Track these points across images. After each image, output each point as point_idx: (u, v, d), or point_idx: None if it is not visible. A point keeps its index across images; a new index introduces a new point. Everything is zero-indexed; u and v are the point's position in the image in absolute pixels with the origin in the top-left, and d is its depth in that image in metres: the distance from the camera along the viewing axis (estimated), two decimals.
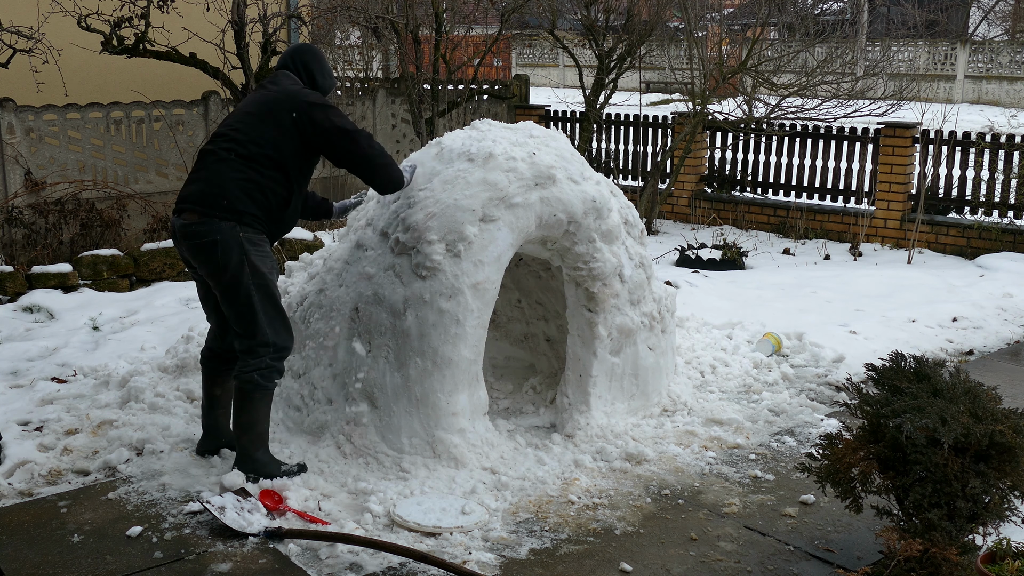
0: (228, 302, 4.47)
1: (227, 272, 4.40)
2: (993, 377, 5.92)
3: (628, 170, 12.51)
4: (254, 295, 4.43)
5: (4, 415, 5.25)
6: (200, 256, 4.44)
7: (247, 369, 4.49)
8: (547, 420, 5.37)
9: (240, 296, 4.43)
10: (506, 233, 4.83)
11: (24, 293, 7.76)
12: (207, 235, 4.38)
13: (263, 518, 4.21)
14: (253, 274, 4.42)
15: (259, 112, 4.51)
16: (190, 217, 4.43)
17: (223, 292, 4.46)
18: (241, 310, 4.45)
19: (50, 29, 8.44)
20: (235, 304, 4.45)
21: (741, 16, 20.55)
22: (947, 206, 10.29)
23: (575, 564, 3.98)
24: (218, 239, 4.37)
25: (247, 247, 4.42)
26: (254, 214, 4.44)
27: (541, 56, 34.50)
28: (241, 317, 4.46)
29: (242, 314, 4.45)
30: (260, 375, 4.48)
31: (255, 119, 4.50)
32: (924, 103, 12.59)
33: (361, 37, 16.37)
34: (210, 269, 4.44)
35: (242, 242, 4.40)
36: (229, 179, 4.41)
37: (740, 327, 6.92)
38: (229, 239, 4.38)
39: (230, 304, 4.47)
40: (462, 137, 5.24)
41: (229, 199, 4.39)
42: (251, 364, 4.48)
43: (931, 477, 3.66)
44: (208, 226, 4.38)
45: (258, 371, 4.48)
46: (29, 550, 4.02)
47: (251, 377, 4.48)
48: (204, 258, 4.43)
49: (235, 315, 4.47)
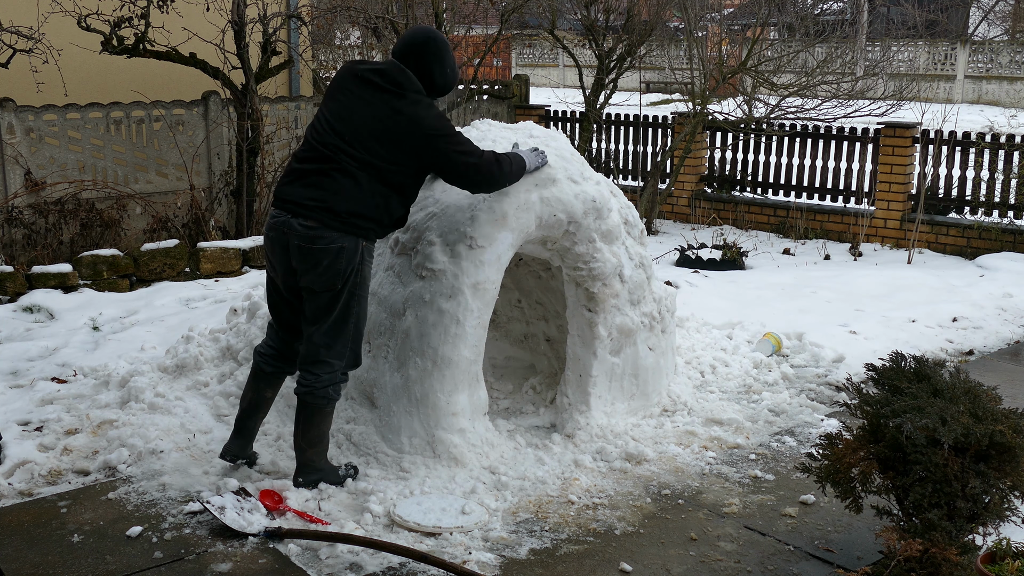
0: (322, 312, 4.35)
1: (340, 280, 4.30)
2: (993, 377, 5.92)
3: (628, 170, 12.51)
4: (353, 308, 4.38)
5: (4, 415, 5.25)
6: (310, 260, 4.28)
7: (322, 384, 4.39)
8: (547, 420, 5.37)
9: (339, 307, 4.34)
10: (506, 233, 4.83)
11: (24, 293, 7.76)
12: (332, 241, 4.26)
13: (263, 518, 4.21)
14: (360, 286, 4.38)
15: (378, 132, 4.30)
16: (310, 223, 4.26)
17: (328, 300, 4.34)
18: (337, 321, 4.36)
19: (50, 29, 8.44)
20: (330, 315, 4.35)
21: (741, 16, 20.55)
22: (947, 206, 10.29)
23: (575, 564, 3.98)
24: (345, 246, 4.27)
25: (366, 258, 4.37)
26: (375, 229, 4.38)
27: (541, 56, 34.51)
28: (333, 328, 4.37)
29: (336, 325, 4.37)
30: (334, 389, 4.43)
31: (374, 138, 4.30)
32: (924, 103, 12.59)
33: (361, 37, 16.36)
34: (322, 277, 4.30)
35: (363, 253, 4.34)
36: (357, 194, 4.28)
37: (740, 327, 6.92)
38: (352, 249, 4.29)
39: (323, 314, 4.35)
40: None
41: (358, 213, 4.29)
42: (325, 379, 4.39)
43: (931, 477, 3.66)
44: (333, 233, 4.27)
45: (332, 385, 4.41)
46: (29, 550, 4.02)
47: (326, 392, 4.40)
48: (315, 263, 4.28)
49: (328, 325, 4.37)
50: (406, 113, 4.30)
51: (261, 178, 9.90)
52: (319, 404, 4.42)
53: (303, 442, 4.47)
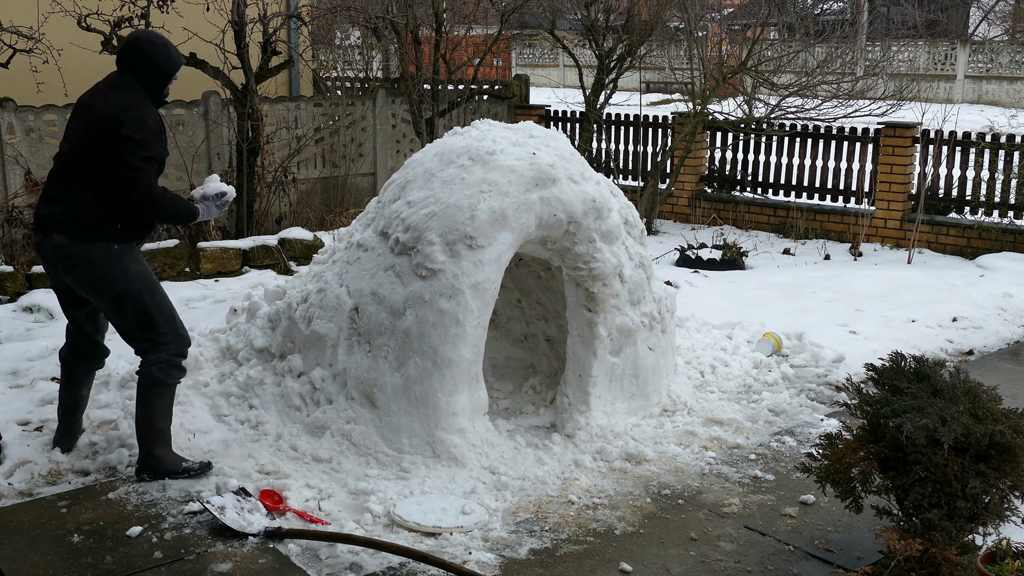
0: (116, 309, 4.52)
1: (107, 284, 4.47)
2: (993, 377, 5.92)
3: (628, 170, 12.51)
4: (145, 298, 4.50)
5: (4, 415, 5.24)
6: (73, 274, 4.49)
7: (146, 365, 4.56)
8: (547, 420, 5.37)
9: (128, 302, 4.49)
10: (506, 233, 4.83)
11: (24, 293, 7.76)
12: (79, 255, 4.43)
13: (263, 518, 4.21)
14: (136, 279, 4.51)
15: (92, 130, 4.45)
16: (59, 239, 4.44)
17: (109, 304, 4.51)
18: (135, 314, 4.50)
19: (50, 29, 8.44)
20: (124, 310, 4.50)
21: (741, 16, 20.55)
22: (947, 206, 10.29)
23: (575, 564, 3.98)
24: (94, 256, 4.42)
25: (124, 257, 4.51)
26: None
27: (541, 56, 34.51)
28: (135, 321, 4.51)
29: (136, 317, 4.51)
30: (159, 370, 4.54)
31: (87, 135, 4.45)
32: (924, 103, 12.59)
33: (361, 37, 16.37)
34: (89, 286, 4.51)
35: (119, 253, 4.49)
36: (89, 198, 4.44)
37: (740, 327, 6.92)
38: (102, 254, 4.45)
39: (119, 313, 4.52)
40: (462, 137, 5.25)
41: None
42: (150, 359, 4.55)
43: (931, 477, 3.66)
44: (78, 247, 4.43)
45: (157, 366, 4.54)
46: (29, 550, 4.02)
47: (151, 372, 4.54)
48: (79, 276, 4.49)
49: (129, 320, 4.52)
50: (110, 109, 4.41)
51: (261, 178, 9.90)
52: (146, 382, 4.56)
53: (137, 425, 4.62)
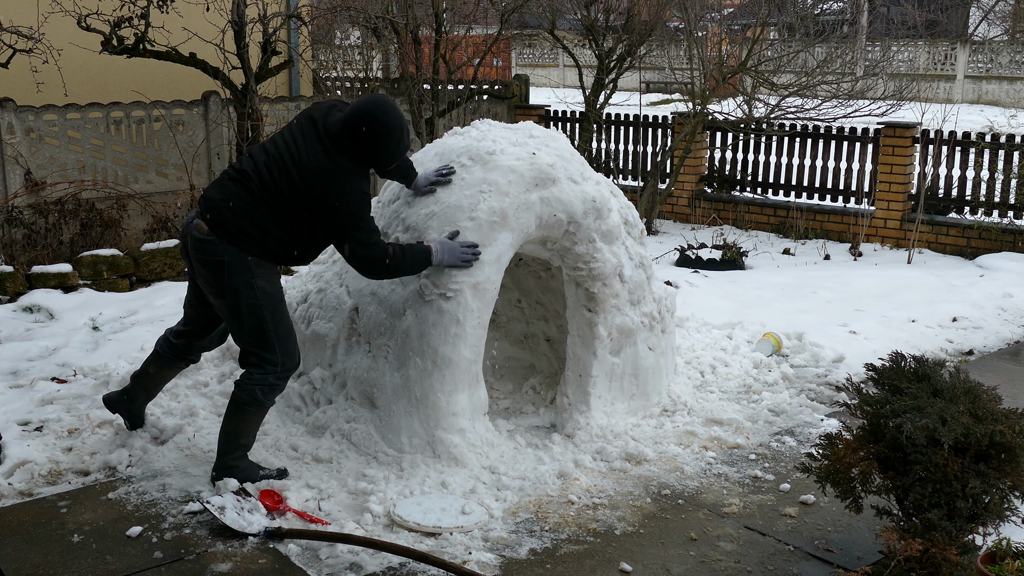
0: (234, 318, 4.43)
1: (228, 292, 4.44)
2: (993, 377, 5.92)
3: (628, 170, 12.51)
4: (248, 319, 4.42)
5: (4, 415, 5.24)
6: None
7: (250, 382, 4.44)
8: (547, 420, 5.36)
9: (243, 317, 4.41)
10: (506, 233, 4.83)
11: (24, 293, 7.76)
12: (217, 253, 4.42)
13: (263, 518, 4.21)
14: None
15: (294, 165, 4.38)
16: (203, 230, 4.44)
17: (229, 308, 4.43)
18: (245, 328, 4.42)
19: (50, 29, 8.44)
20: (236, 321, 4.43)
21: (741, 16, 20.55)
22: (947, 206, 10.29)
23: (575, 564, 3.98)
24: (226, 259, 4.38)
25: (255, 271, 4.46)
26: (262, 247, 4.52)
27: (541, 56, 34.50)
28: (243, 333, 4.43)
29: (252, 332, 4.42)
30: (262, 391, 4.44)
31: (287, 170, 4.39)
32: (924, 103, 12.58)
33: (361, 37, 16.37)
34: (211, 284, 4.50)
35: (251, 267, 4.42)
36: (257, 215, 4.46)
37: (740, 327, 6.92)
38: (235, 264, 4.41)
39: (236, 321, 4.43)
40: (462, 137, 5.24)
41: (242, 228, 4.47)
42: (255, 378, 4.44)
43: (931, 477, 3.66)
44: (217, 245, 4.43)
45: (261, 387, 4.44)
46: (29, 550, 4.02)
47: (253, 391, 4.43)
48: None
49: (244, 333, 4.44)
50: (323, 166, 4.30)
51: None
52: (244, 400, 4.45)
53: (223, 435, 4.53)
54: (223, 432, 4.53)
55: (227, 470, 4.49)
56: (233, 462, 4.51)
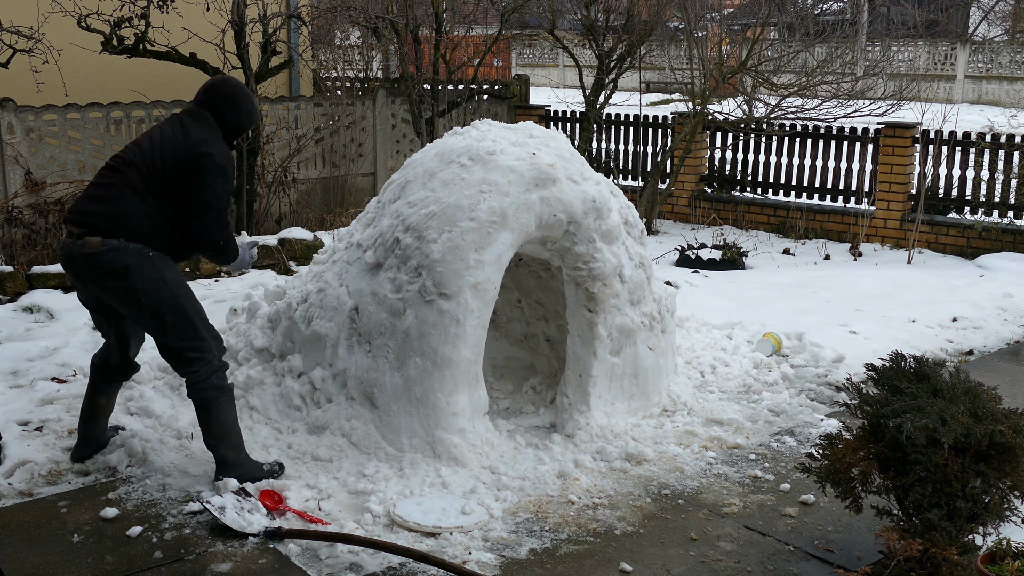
0: (156, 320, 4.40)
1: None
2: (993, 377, 5.92)
3: (628, 170, 12.51)
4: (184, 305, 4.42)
5: (4, 415, 5.24)
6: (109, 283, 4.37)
7: (201, 381, 4.44)
8: (547, 420, 5.37)
9: (168, 310, 4.39)
10: (506, 233, 4.83)
11: (24, 293, 7.76)
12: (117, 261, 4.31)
13: (263, 518, 4.21)
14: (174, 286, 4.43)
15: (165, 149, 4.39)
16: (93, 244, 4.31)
17: (150, 312, 4.39)
18: (176, 323, 4.41)
19: (50, 29, 8.44)
20: (165, 320, 4.40)
21: (741, 16, 20.55)
22: (947, 206, 10.29)
23: (575, 564, 3.98)
24: (129, 263, 4.30)
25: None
26: None
27: (541, 56, 34.50)
28: (178, 330, 4.41)
29: (178, 327, 4.41)
30: (216, 378, 4.47)
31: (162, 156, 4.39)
32: (924, 103, 12.58)
33: (361, 37, 16.37)
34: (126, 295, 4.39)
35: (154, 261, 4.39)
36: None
37: (740, 327, 6.92)
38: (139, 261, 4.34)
39: (159, 322, 4.40)
40: (462, 137, 5.25)
41: None
42: (203, 373, 4.44)
43: (931, 477, 3.66)
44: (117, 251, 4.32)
45: (213, 376, 4.46)
46: (29, 550, 4.02)
47: (209, 385, 4.44)
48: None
49: (172, 330, 4.41)
50: (192, 136, 4.38)
51: (261, 178, 9.90)
52: (209, 398, 4.45)
53: (210, 440, 4.52)
54: (210, 438, 4.53)
55: (232, 468, 4.49)
56: (236, 459, 4.51)
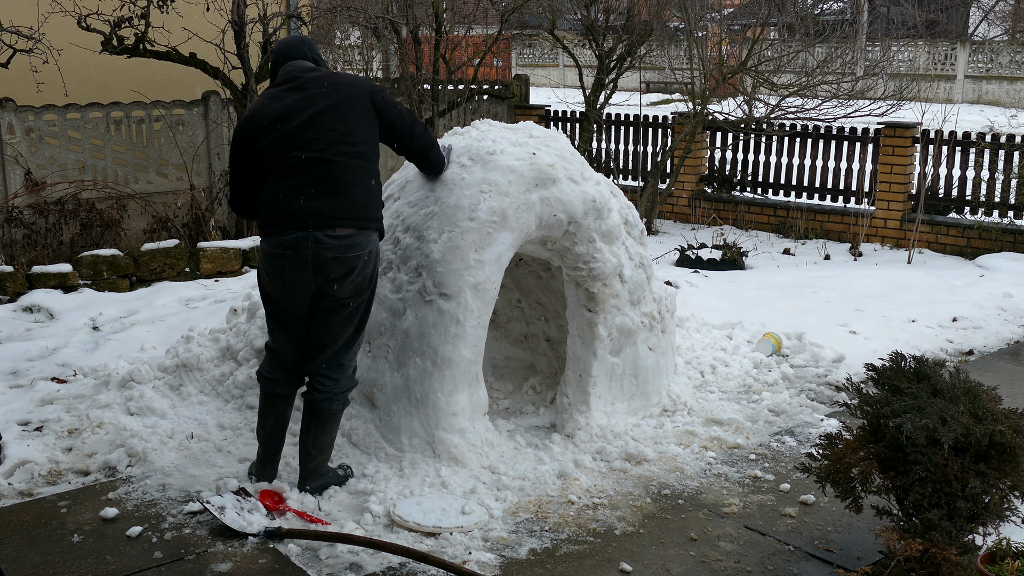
0: (348, 321, 4.33)
1: (368, 286, 4.35)
2: (993, 377, 5.92)
3: (628, 170, 12.51)
4: (366, 314, 4.42)
5: (4, 415, 5.25)
6: (344, 269, 4.21)
7: (341, 389, 4.41)
8: (547, 420, 5.37)
9: (362, 314, 4.38)
10: (506, 233, 4.83)
11: (24, 293, 7.76)
12: (363, 247, 4.24)
13: (263, 518, 4.21)
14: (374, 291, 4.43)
15: (342, 108, 4.24)
16: (344, 231, 4.19)
17: (356, 309, 4.33)
18: (357, 328, 4.39)
19: (50, 29, 8.44)
20: (354, 322, 4.36)
21: (741, 16, 20.54)
22: (947, 206, 10.29)
23: (575, 564, 3.98)
24: (372, 250, 4.28)
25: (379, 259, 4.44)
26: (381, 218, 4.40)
27: (541, 56, 34.48)
28: (354, 336, 4.39)
29: (356, 333, 4.40)
30: (349, 394, 4.48)
31: (342, 117, 4.22)
32: (924, 103, 12.58)
33: (361, 37, 16.35)
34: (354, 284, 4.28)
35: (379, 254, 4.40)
36: (363, 186, 4.26)
37: (740, 327, 6.92)
38: (376, 251, 4.33)
39: (348, 323, 4.33)
40: (462, 137, 5.24)
41: (370, 208, 4.29)
42: (343, 384, 4.42)
43: (931, 477, 3.66)
44: (362, 238, 4.24)
45: (349, 390, 4.46)
46: (29, 550, 4.02)
47: (344, 398, 4.44)
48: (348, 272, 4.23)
49: (350, 334, 4.37)
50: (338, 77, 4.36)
51: None
52: (336, 409, 4.43)
53: (313, 449, 4.43)
54: (316, 445, 4.41)
55: (320, 477, 4.44)
56: (326, 468, 4.49)
